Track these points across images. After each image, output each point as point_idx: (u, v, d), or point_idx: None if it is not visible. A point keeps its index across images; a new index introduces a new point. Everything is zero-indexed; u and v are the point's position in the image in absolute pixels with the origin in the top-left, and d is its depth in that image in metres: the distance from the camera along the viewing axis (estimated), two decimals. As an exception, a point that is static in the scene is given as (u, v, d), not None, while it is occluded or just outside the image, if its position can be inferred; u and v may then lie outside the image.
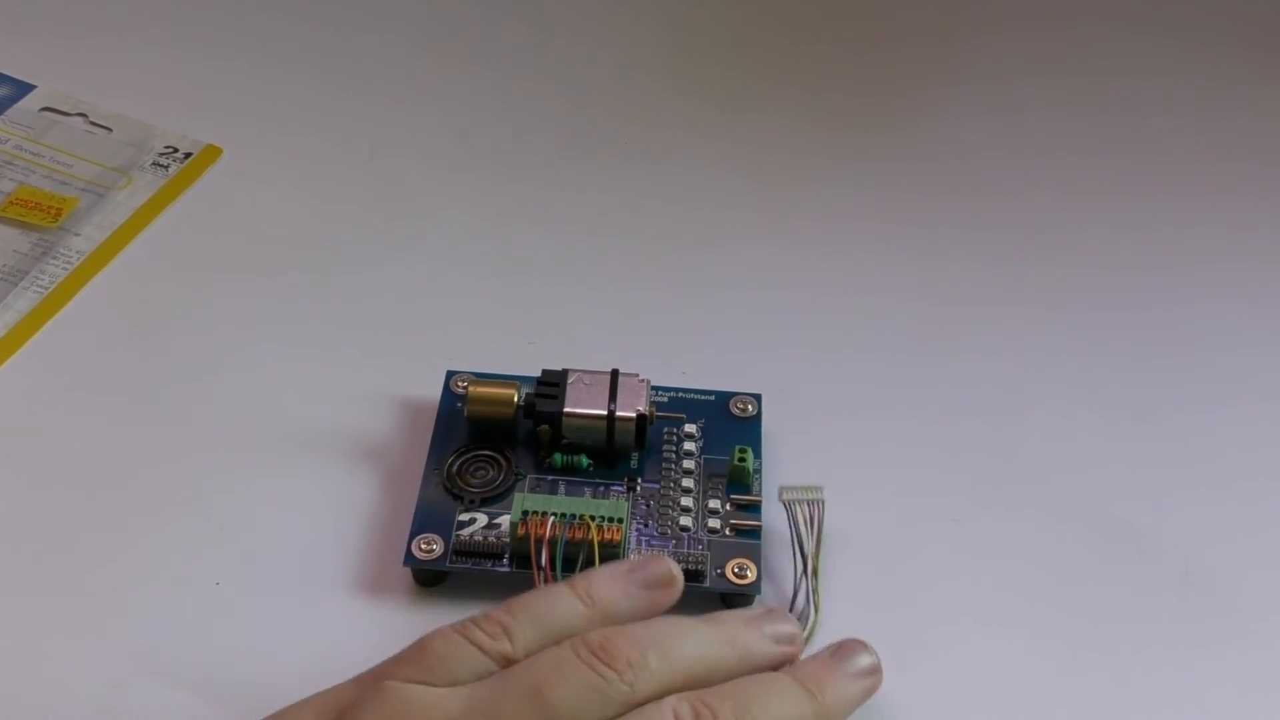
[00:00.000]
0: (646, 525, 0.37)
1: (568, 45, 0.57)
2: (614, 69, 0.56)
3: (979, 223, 0.50)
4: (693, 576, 0.36)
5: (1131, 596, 0.38)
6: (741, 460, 0.38)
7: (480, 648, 0.31)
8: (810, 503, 0.37)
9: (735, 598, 0.37)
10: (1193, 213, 0.51)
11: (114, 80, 0.52)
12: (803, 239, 0.49)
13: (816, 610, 0.36)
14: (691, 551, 0.37)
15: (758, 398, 0.41)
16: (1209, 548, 0.39)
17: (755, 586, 0.36)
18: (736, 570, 0.36)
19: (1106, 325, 0.46)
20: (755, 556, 0.37)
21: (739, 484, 0.38)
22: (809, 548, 0.36)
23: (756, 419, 0.40)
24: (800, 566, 0.36)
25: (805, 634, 0.35)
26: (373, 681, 0.30)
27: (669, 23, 0.59)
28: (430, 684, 0.30)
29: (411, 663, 0.31)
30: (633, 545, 0.37)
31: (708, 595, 0.37)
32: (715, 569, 0.36)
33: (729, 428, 0.40)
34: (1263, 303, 0.47)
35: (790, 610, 0.36)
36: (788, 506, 0.37)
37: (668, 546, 0.37)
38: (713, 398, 0.41)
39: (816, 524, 0.37)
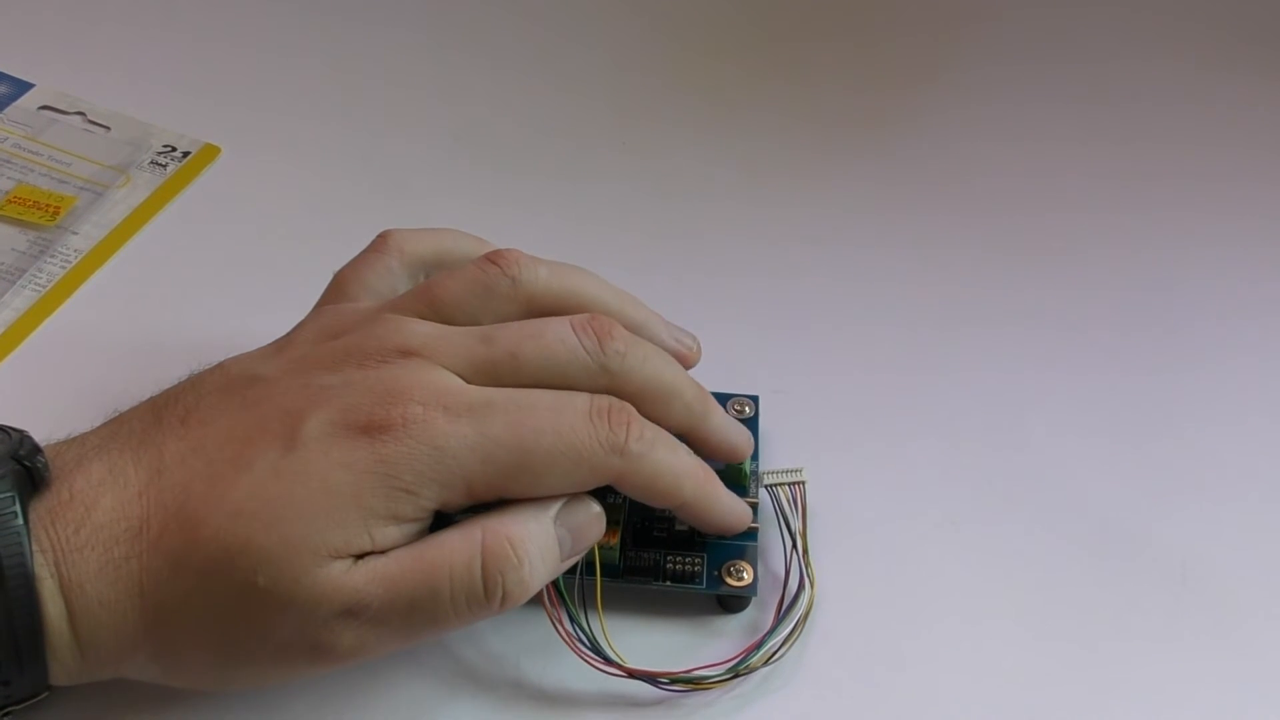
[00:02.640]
0: (643, 527, 0.37)
1: (565, 43, 0.57)
2: (610, 66, 0.56)
3: (978, 220, 0.50)
4: (689, 579, 0.36)
5: (1129, 599, 0.38)
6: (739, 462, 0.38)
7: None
8: (792, 485, 0.37)
9: (732, 600, 0.37)
10: (1196, 215, 0.51)
11: (112, 79, 0.52)
12: (798, 238, 0.49)
13: (812, 584, 0.36)
14: (688, 554, 0.37)
15: (755, 399, 0.41)
16: (1206, 551, 0.39)
17: (752, 588, 0.36)
18: (733, 572, 0.36)
19: (1107, 327, 0.46)
20: (752, 559, 0.37)
21: (736, 486, 0.38)
22: (795, 526, 0.37)
23: (754, 421, 0.40)
24: (789, 543, 0.37)
25: (802, 612, 0.36)
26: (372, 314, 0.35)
27: (665, 20, 0.59)
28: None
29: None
30: (630, 548, 0.37)
31: (704, 597, 0.37)
32: (712, 571, 0.36)
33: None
34: (1261, 306, 0.48)
35: (784, 588, 0.36)
36: (770, 491, 0.37)
37: (664, 550, 0.37)
38: (710, 399, 0.41)
39: (800, 503, 0.37)
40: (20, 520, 0.29)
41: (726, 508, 0.36)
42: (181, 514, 0.30)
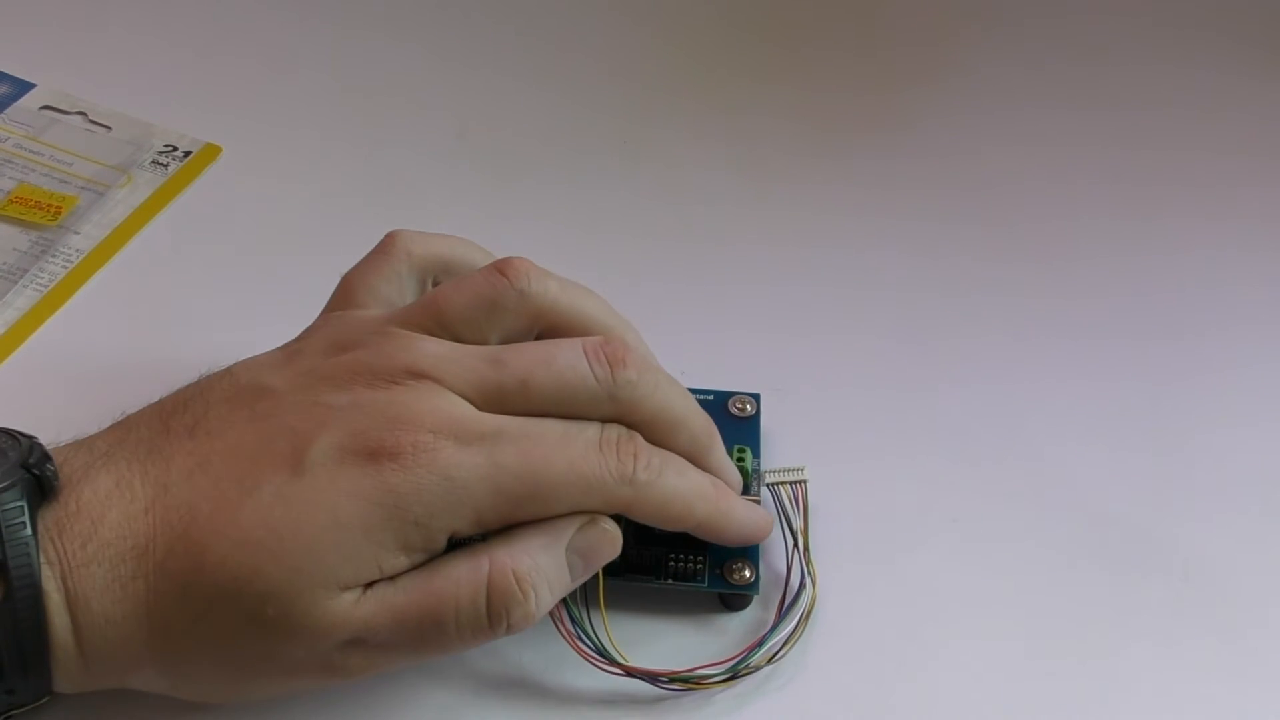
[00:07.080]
0: (645, 525, 0.37)
1: (567, 46, 0.57)
2: (612, 69, 0.56)
3: (980, 220, 0.50)
4: (690, 577, 0.36)
5: (1131, 600, 0.38)
6: (740, 460, 0.38)
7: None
8: (794, 484, 0.37)
9: (734, 598, 0.37)
10: (1199, 220, 0.51)
11: (114, 78, 0.52)
12: (800, 237, 0.49)
13: (813, 583, 0.36)
14: (690, 552, 0.37)
15: (756, 397, 0.41)
16: (1208, 552, 0.39)
17: (754, 586, 0.36)
18: (735, 570, 0.36)
19: (1110, 330, 0.46)
20: (753, 556, 0.37)
21: (738, 484, 0.38)
22: (797, 524, 0.37)
23: (755, 419, 0.41)
24: (790, 542, 0.37)
25: (804, 610, 0.36)
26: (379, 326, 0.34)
27: (666, 24, 0.59)
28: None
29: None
30: (632, 546, 0.37)
31: (706, 595, 0.37)
32: (714, 569, 0.36)
33: (727, 428, 0.40)
34: (1263, 311, 0.48)
35: (785, 587, 0.37)
36: (772, 490, 0.37)
37: (666, 548, 0.37)
38: (711, 397, 0.41)
39: (802, 502, 0.37)
40: (29, 531, 0.29)
41: (743, 521, 0.35)
42: (187, 537, 0.30)
